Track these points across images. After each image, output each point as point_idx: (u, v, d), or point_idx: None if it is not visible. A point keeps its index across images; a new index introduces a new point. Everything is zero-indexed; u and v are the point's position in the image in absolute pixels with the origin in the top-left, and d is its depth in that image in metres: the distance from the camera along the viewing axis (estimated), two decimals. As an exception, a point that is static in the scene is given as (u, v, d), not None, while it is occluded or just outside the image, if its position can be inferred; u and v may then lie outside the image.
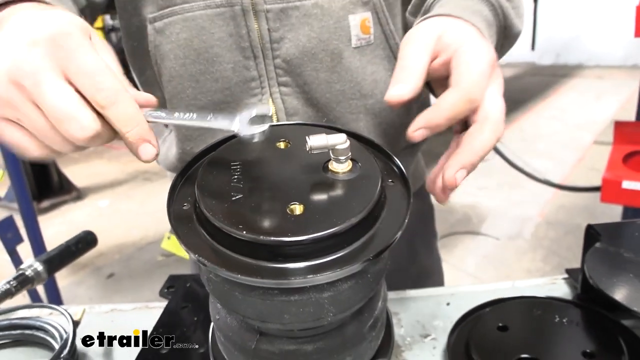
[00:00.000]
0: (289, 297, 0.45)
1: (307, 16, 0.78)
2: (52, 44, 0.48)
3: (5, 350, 0.78)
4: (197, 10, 0.78)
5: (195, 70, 0.81)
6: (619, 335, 0.62)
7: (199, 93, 0.83)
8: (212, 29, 0.79)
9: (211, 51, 0.80)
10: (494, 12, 0.70)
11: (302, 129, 0.56)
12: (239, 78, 0.81)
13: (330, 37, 0.80)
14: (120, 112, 0.49)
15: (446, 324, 0.72)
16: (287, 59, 0.80)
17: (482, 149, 0.56)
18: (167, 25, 0.80)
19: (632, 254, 0.65)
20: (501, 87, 0.60)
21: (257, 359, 0.53)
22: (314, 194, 0.48)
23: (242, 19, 0.78)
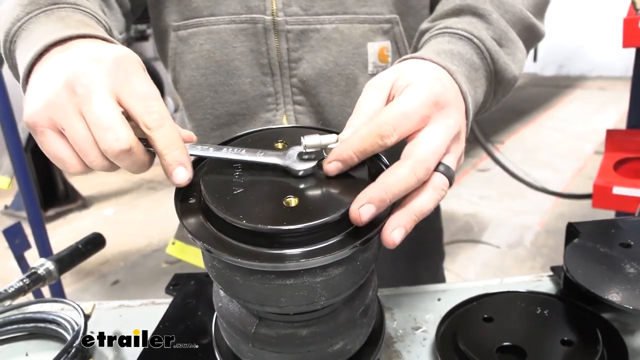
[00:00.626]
0: (284, 281, 0.50)
1: (327, 40, 0.81)
2: (115, 65, 0.52)
3: (19, 343, 0.82)
4: (222, 24, 0.81)
5: (215, 81, 0.85)
6: (596, 326, 0.66)
7: (217, 103, 0.86)
8: (234, 43, 0.82)
9: (232, 64, 0.83)
10: (480, 55, 0.67)
11: (297, 131, 0.61)
12: (255, 92, 0.84)
13: (347, 62, 0.82)
14: (164, 134, 0.52)
15: (437, 318, 0.75)
16: (303, 79, 0.83)
17: (395, 186, 0.50)
18: (191, 35, 0.84)
19: (607, 249, 0.69)
20: (448, 128, 0.55)
21: (256, 342, 0.57)
22: (308, 188, 0.53)
23: (263, 37, 0.81)
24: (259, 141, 0.60)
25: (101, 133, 0.50)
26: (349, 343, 0.59)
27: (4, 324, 0.82)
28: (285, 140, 0.59)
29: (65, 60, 0.53)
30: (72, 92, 0.51)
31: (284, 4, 0.80)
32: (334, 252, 0.47)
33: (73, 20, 0.61)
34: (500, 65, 0.69)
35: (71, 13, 0.63)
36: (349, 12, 0.81)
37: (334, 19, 0.81)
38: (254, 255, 0.48)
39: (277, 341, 0.57)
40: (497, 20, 0.70)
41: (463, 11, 0.71)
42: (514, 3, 0.73)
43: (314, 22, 0.80)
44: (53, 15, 0.62)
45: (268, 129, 0.65)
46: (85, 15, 0.65)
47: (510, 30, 0.71)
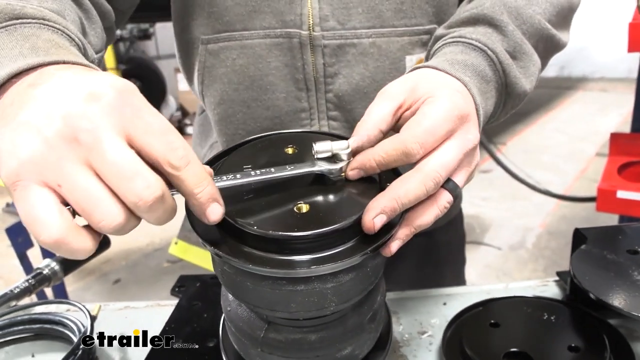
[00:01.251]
0: (295, 287, 0.50)
1: (364, 55, 0.79)
2: (117, 99, 0.43)
3: (26, 344, 0.82)
4: (256, 39, 0.80)
5: (247, 96, 0.83)
6: (603, 332, 0.66)
7: (249, 118, 0.84)
8: (268, 58, 0.80)
9: (265, 79, 0.81)
10: (492, 67, 0.66)
11: (308, 136, 0.61)
12: (289, 108, 0.83)
13: (385, 77, 0.81)
14: (194, 172, 0.45)
15: (442, 323, 0.76)
16: (339, 94, 0.81)
17: (405, 197, 0.51)
18: (223, 49, 0.82)
19: (614, 255, 0.69)
20: (466, 142, 0.56)
21: (265, 346, 0.57)
22: (319, 194, 0.53)
23: (298, 52, 0.79)
24: (268, 147, 0.60)
25: (127, 183, 0.41)
26: (357, 348, 0.60)
27: (11, 325, 0.82)
28: (294, 145, 0.60)
29: (48, 98, 0.43)
30: (73, 143, 0.41)
31: (321, 18, 0.78)
32: (344, 259, 0.48)
33: (42, 41, 0.50)
34: (512, 79, 0.68)
35: (37, 31, 0.52)
36: (386, 25, 0.79)
37: (371, 32, 0.79)
38: (265, 262, 0.48)
39: (285, 346, 0.57)
40: (513, 32, 0.69)
41: (479, 21, 0.70)
42: (533, 14, 0.71)
43: (351, 36, 0.79)
44: (15, 32, 0.51)
45: (274, 134, 0.65)
46: (55, 33, 0.54)
47: (526, 43, 0.70)
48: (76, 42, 0.56)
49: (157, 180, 0.42)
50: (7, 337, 0.82)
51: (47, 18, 0.54)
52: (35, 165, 0.41)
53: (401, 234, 0.54)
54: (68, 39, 0.55)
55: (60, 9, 0.59)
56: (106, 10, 0.76)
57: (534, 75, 0.72)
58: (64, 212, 0.42)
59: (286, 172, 0.53)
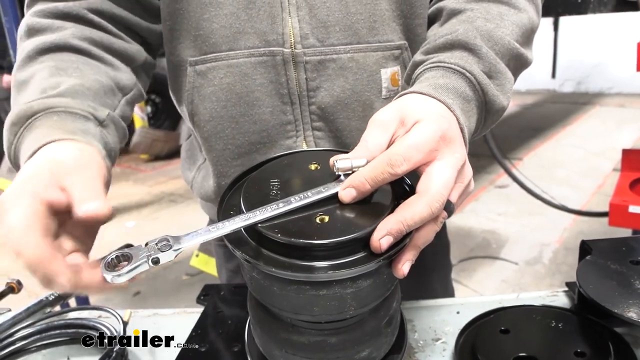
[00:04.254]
0: (318, 291, 0.54)
1: (343, 69, 0.85)
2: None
3: (61, 347, 0.87)
4: (241, 58, 0.85)
5: (235, 112, 0.88)
6: (608, 339, 0.69)
7: (238, 133, 0.89)
8: (254, 75, 0.85)
9: (252, 95, 0.86)
10: (472, 87, 0.71)
11: (330, 154, 0.66)
12: (276, 121, 0.88)
13: (363, 89, 0.87)
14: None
15: (456, 330, 0.79)
16: (322, 107, 0.87)
17: (411, 219, 0.55)
18: (210, 69, 0.87)
19: (617, 266, 0.73)
20: (456, 161, 0.60)
21: (289, 348, 0.62)
22: (338, 207, 0.58)
23: (282, 68, 0.85)
24: (293, 164, 0.66)
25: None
26: (374, 351, 0.64)
27: (47, 329, 0.87)
28: (317, 162, 0.65)
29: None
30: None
31: (301, 36, 0.84)
32: (361, 265, 0.52)
33: (45, 128, 0.68)
34: (490, 97, 0.73)
35: (45, 121, 0.69)
36: (362, 41, 0.85)
37: (349, 48, 0.85)
38: (288, 267, 0.53)
39: (308, 347, 0.62)
40: (487, 54, 0.74)
41: (455, 46, 0.76)
42: (503, 35, 0.77)
43: (330, 52, 0.84)
44: (32, 127, 0.69)
45: (298, 152, 0.70)
46: (58, 115, 0.70)
47: (500, 62, 0.75)
48: (80, 114, 0.71)
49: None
50: (43, 340, 0.87)
51: (51, 106, 0.70)
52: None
53: (409, 256, 0.58)
54: (71, 115, 0.70)
55: (79, 82, 0.76)
56: (132, 54, 0.89)
57: (510, 91, 0.78)
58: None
59: (322, 195, 0.58)
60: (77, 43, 0.81)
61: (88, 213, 0.56)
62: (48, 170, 0.59)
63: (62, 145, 0.64)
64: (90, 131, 0.70)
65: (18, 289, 0.99)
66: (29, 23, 0.82)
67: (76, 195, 0.57)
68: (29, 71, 0.77)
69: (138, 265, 0.53)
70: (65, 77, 0.76)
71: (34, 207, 0.54)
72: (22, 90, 0.76)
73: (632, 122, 7.01)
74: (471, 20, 0.78)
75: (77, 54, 0.81)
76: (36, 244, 0.52)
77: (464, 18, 0.79)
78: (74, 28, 0.82)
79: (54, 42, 0.79)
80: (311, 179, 0.62)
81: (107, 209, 0.57)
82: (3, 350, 0.83)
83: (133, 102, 0.88)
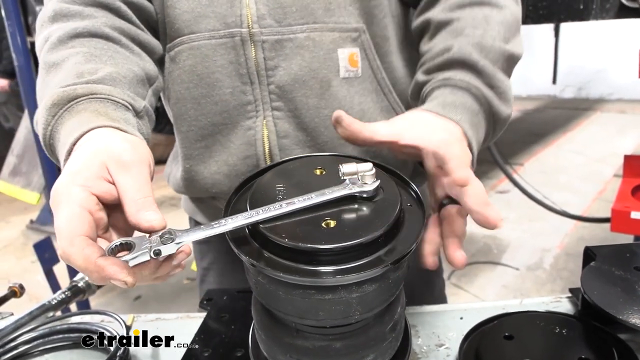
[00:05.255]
0: (323, 296, 0.54)
1: (300, 47, 0.87)
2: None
3: (64, 352, 0.87)
4: (202, 40, 0.88)
5: (197, 94, 0.91)
6: (612, 345, 0.69)
7: (200, 114, 0.92)
8: (214, 57, 0.88)
9: (212, 77, 0.89)
10: (478, 101, 0.79)
11: (336, 159, 0.66)
12: (236, 102, 0.90)
13: (320, 66, 0.89)
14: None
15: (459, 336, 0.79)
16: (280, 85, 0.89)
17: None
18: (178, 53, 0.90)
19: (622, 272, 0.73)
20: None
21: (293, 352, 0.62)
22: (345, 212, 0.58)
23: (241, 48, 0.87)
24: (298, 168, 0.66)
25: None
26: (379, 356, 0.64)
27: (50, 334, 0.87)
28: (323, 167, 0.65)
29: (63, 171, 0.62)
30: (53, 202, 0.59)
31: (258, 17, 0.86)
32: (367, 271, 0.52)
33: (88, 112, 0.69)
34: (495, 108, 0.80)
35: (88, 105, 0.70)
36: (318, 21, 0.87)
37: (305, 28, 0.87)
38: (295, 271, 0.53)
39: (313, 352, 0.61)
40: (484, 66, 0.80)
41: (453, 64, 0.81)
42: (492, 42, 0.82)
43: (287, 32, 0.87)
44: (73, 111, 0.69)
45: (303, 157, 0.70)
46: (101, 102, 0.71)
47: (497, 71, 0.81)
48: (121, 103, 0.73)
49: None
50: (47, 345, 0.86)
51: (94, 92, 0.71)
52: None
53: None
54: (113, 103, 0.72)
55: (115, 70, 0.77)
56: (154, 46, 0.91)
57: (510, 98, 0.84)
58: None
59: (327, 197, 0.59)
60: (109, 32, 0.82)
61: (149, 224, 0.58)
62: (100, 161, 0.60)
63: (111, 133, 0.66)
64: (131, 121, 0.72)
65: (20, 293, 0.99)
66: (57, 8, 0.83)
67: (129, 196, 0.59)
68: (61, 54, 0.78)
69: (139, 255, 0.54)
70: (100, 64, 0.77)
71: (84, 204, 0.56)
72: (54, 73, 0.76)
73: (633, 128, 7.01)
74: (460, 31, 0.83)
75: (108, 42, 0.82)
76: (83, 253, 0.54)
77: (453, 29, 0.85)
78: (105, 17, 0.84)
79: (86, 27, 0.81)
80: (317, 184, 0.62)
81: (164, 222, 0.59)
82: (6, 354, 0.82)
83: (157, 93, 0.90)
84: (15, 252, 4.43)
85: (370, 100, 0.93)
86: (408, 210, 0.62)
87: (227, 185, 0.95)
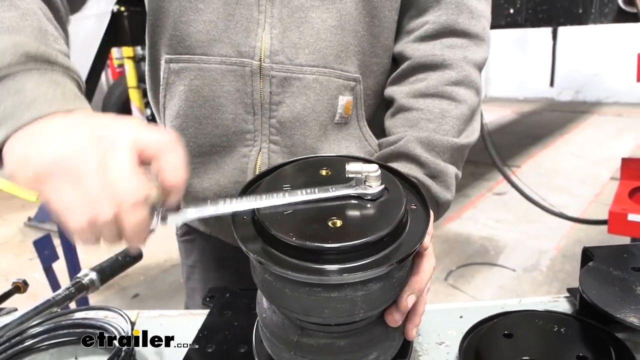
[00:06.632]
0: (329, 294, 0.56)
1: (307, 88, 0.89)
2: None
3: (69, 347, 0.88)
4: (213, 64, 0.89)
5: (200, 114, 0.92)
6: (609, 344, 0.71)
7: (200, 134, 0.93)
8: (222, 81, 0.89)
9: (217, 100, 0.90)
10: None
11: (341, 160, 0.67)
12: (237, 128, 0.92)
13: (323, 110, 0.91)
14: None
15: (459, 334, 0.80)
16: (282, 121, 0.90)
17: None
18: (183, 69, 0.91)
19: (619, 272, 0.74)
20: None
21: (298, 350, 0.63)
22: (351, 211, 0.59)
23: (249, 79, 0.89)
24: (305, 168, 0.67)
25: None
26: (382, 354, 0.65)
27: (55, 329, 0.88)
28: (328, 168, 0.66)
29: (82, 121, 0.58)
30: (98, 143, 0.55)
31: (271, 52, 0.87)
32: (372, 269, 0.54)
33: (67, 90, 0.63)
34: (436, 194, 0.87)
35: (63, 79, 0.64)
36: (328, 66, 0.90)
37: (314, 70, 0.89)
38: (302, 269, 0.54)
39: (317, 350, 0.63)
40: (427, 160, 0.86)
41: (400, 156, 0.87)
42: (442, 137, 0.88)
43: (297, 71, 0.88)
44: (46, 75, 0.62)
45: (310, 158, 0.71)
46: (73, 82, 0.66)
47: (439, 163, 0.87)
48: (81, 85, 0.68)
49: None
50: (51, 340, 0.87)
51: (70, 68, 0.66)
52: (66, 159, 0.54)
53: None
54: (77, 85, 0.67)
55: (65, 49, 0.70)
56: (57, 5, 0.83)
57: (453, 183, 0.90)
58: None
59: (330, 194, 0.60)
60: None
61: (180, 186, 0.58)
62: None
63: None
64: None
65: (24, 288, 1.00)
66: None
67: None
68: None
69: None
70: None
71: (134, 152, 0.56)
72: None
73: (630, 131, 7.05)
74: (415, 122, 0.90)
75: None
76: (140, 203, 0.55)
77: (410, 118, 0.91)
78: None
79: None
80: (323, 184, 0.63)
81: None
82: (12, 348, 0.83)
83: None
84: (12, 250, 4.42)
85: (354, 145, 0.97)
86: (412, 211, 0.63)
87: None
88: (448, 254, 3.92)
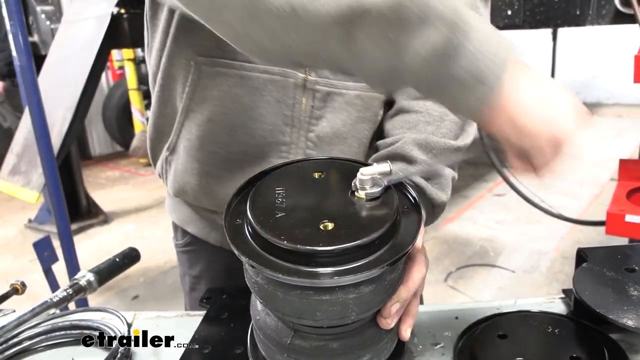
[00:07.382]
0: (321, 296, 0.56)
1: (348, 104, 0.89)
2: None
3: (66, 348, 0.88)
4: (255, 72, 0.86)
5: (236, 122, 0.89)
6: (603, 345, 0.71)
7: (233, 142, 0.91)
8: (263, 91, 0.87)
9: (257, 111, 0.88)
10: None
11: (334, 163, 0.68)
12: (273, 139, 0.90)
13: (363, 126, 0.91)
14: None
15: (454, 335, 0.81)
16: (320, 135, 0.90)
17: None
18: (219, 73, 0.87)
19: (613, 273, 0.75)
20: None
21: (291, 352, 0.63)
22: (343, 214, 0.59)
23: (292, 91, 0.87)
24: (298, 172, 0.67)
25: None
26: (375, 356, 0.65)
27: (52, 330, 0.88)
28: (321, 170, 0.66)
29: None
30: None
31: None
32: (364, 272, 0.54)
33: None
34: (431, 196, 0.86)
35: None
36: None
37: (357, 86, 0.89)
38: (294, 272, 0.54)
39: (310, 352, 0.63)
40: (422, 162, 0.85)
41: (396, 157, 0.86)
42: (439, 140, 0.87)
43: (341, 87, 0.88)
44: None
45: (302, 160, 0.71)
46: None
47: (434, 165, 0.87)
48: None
49: None
50: (48, 341, 0.88)
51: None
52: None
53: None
54: None
55: None
56: None
57: (449, 184, 0.90)
58: None
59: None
60: None
61: None
62: None
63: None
64: None
65: (22, 290, 1.00)
66: None
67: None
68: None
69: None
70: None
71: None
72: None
73: (630, 132, 7.03)
74: (414, 125, 0.89)
75: None
76: None
77: (409, 120, 0.90)
78: None
79: None
80: (316, 187, 0.64)
81: None
82: (10, 350, 0.84)
83: None
84: (13, 251, 4.43)
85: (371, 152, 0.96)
86: (404, 213, 0.64)
87: None
88: (447, 255, 3.92)
